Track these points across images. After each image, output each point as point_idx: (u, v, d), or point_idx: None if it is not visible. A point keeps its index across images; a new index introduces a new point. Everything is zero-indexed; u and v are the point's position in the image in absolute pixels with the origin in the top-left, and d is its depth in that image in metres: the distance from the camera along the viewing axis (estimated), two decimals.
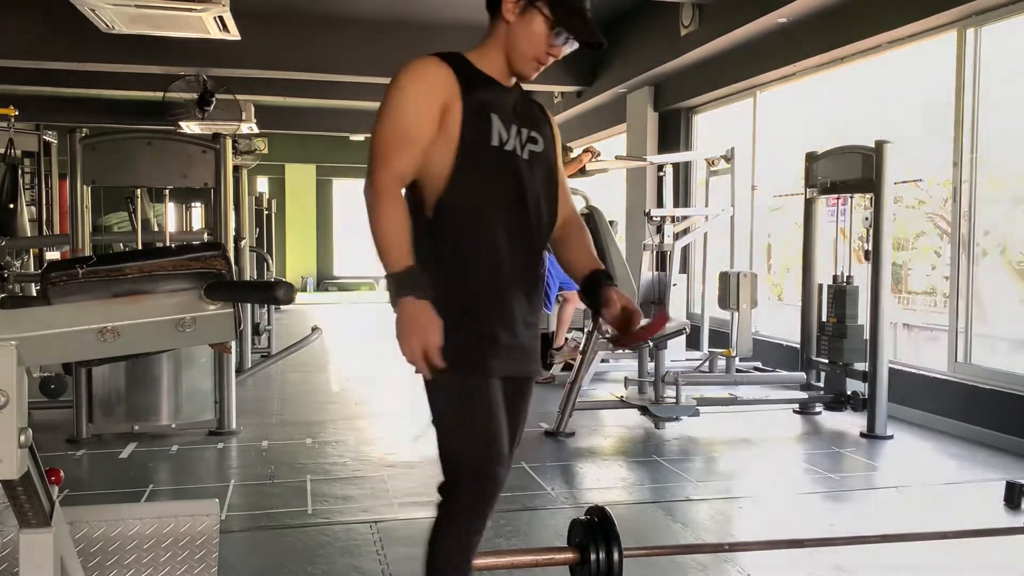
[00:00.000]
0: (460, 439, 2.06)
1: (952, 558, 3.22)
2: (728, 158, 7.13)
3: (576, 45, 2.04)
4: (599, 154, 6.72)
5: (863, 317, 5.50)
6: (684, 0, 7.23)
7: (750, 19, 6.57)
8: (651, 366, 5.49)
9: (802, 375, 5.97)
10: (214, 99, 9.24)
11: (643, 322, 2.08)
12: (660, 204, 7.29)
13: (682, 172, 8.86)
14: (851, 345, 5.49)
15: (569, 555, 2.59)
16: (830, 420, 5.64)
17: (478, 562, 2.57)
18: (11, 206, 7.51)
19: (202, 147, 4.98)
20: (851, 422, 5.47)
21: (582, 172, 6.68)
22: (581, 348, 5.67)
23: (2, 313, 1.50)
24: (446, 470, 2.06)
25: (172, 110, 9.41)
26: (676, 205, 8.26)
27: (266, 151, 11.83)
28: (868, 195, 5.35)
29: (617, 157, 6.97)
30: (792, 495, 4.08)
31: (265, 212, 12.22)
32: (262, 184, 18.44)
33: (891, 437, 5.12)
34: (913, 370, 5.81)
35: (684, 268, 7.90)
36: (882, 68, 6.88)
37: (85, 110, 12.52)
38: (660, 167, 7.81)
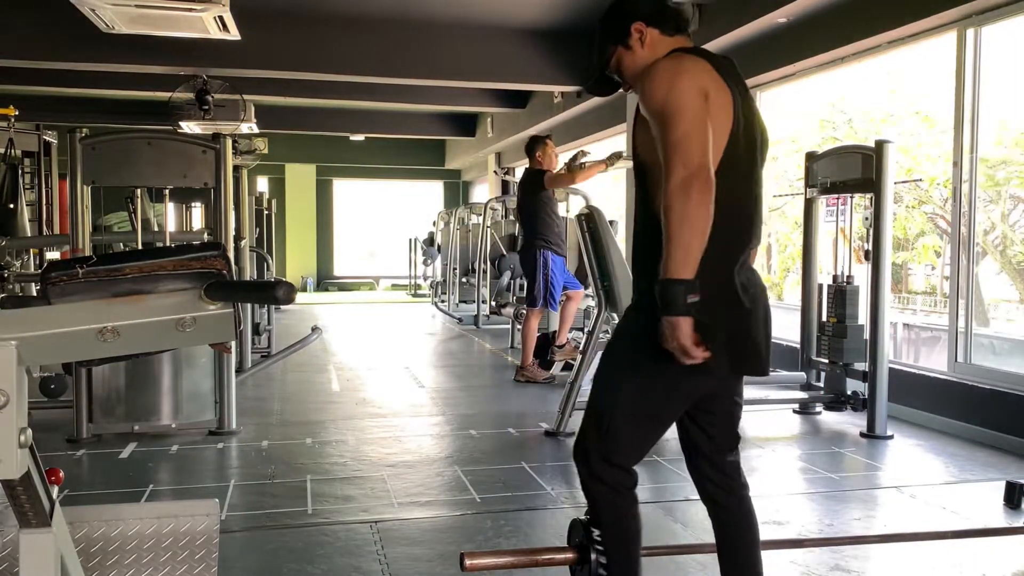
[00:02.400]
0: None
1: (952, 558, 3.23)
2: None
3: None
4: (588, 153, 6.71)
5: (863, 317, 5.50)
6: (684, 0, 7.22)
7: (750, 19, 6.56)
8: None
9: (802, 375, 5.97)
10: (211, 98, 9.23)
11: None
12: None
13: None
14: (851, 345, 5.49)
15: (569, 555, 2.59)
16: (830, 420, 5.64)
17: (477, 562, 2.57)
18: (11, 206, 7.52)
19: (202, 147, 4.98)
20: (851, 422, 5.47)
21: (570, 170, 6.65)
22: (581, 348, 5.67)
23: (2, 313, 1.50)
24: None
25: (177, 111, 9.41)
26: None
27: (266, 151, 11.84)
28: (868, 195, 5.35)
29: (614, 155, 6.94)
30: (792, 495, 4.08)
31: (265, 212, 12.22)
32: (262, 184, 18.46)
33: (891, 437, 5.12)
34: (913, 370, 5.82)
35: None
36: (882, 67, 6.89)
37: (85, 110, 12.53)
38: None
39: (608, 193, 11.20)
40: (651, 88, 2.00)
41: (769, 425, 5.53)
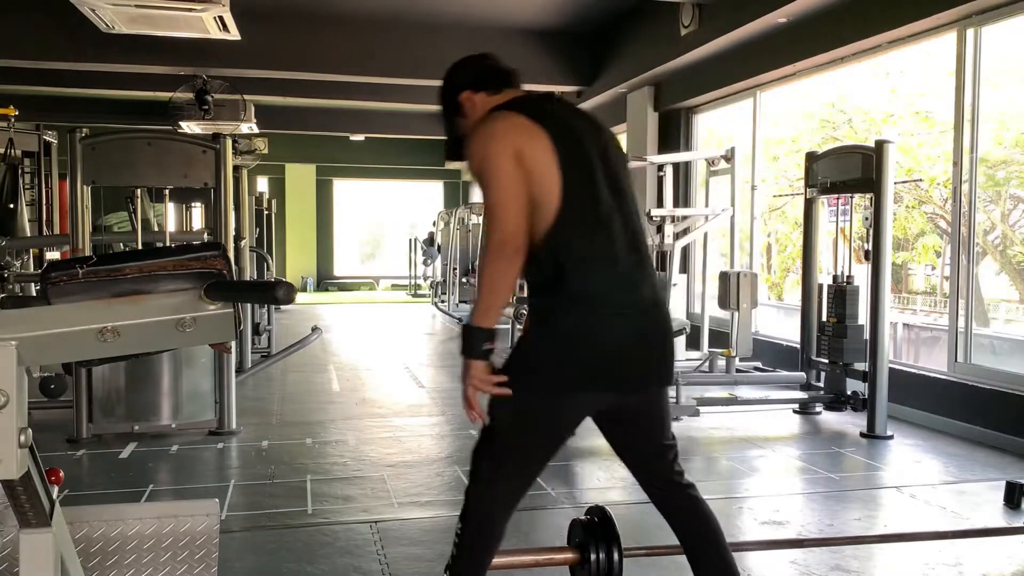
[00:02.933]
0: None
1: (952, 558, 3.23)
2: (728, 158, 7.14)
3: None
4: None
5: (863, 317, 5.50)
6: (684, 0, 7.22)
7: (750, 19, 6.56)
8: None
9: (802, 375, 5.97)
10: (210, 99, 9.23)
11: None
12: (660, 204, 7.27)
13: (682, 172, 8.86)
14: (851, 345, 5.49)
15: (569, 555, 2.59)
16: (830, 420, 5.64)
17: None
18: (11, 206, 7.51)
19: (202, 147, 4.98)
20: (851, 422, 5.47)
21: None
22: None
23: (2, 313, 1.50)
24: None
25: (177, 111, 9.41)
26: (676, 205, 8.26)
27: (266, 151, 11.84)
28: (868, 195, 5.35)
29: None
30: (792, 495, 4.08)
31: (265, 212, 12.23)
32: (262, 184, 18.45)
33: (891, 437, 5.12)
34: (913, 370, 5.81)
35: (684, 268, 7.90)
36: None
37: (85, 110, 12.52)
38: (660, 167, 7.79)
39: None
40: (469, 155, 2.14)
41: (769, 425, 5.53)
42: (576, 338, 2.09)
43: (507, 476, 2.21)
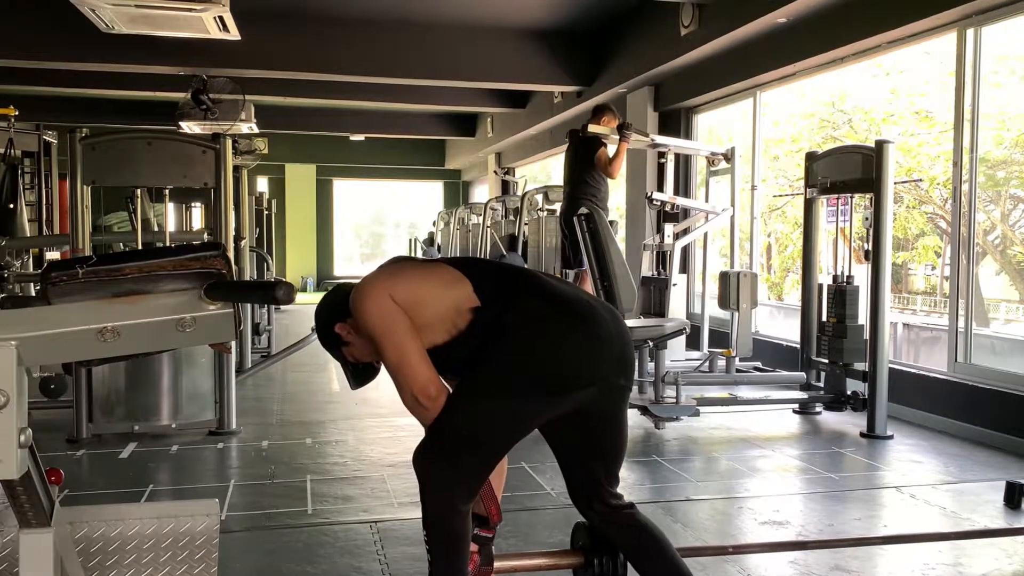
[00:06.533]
0: None
1: (952, 558, 3.22)
2: (728, 157, 7.13)
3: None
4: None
5: (863, 317, 5.50)
6: (684, 0, 7.22)
7: (750, 19, 6.56)
8: (651, 366, 5.49)
9: (802, 375, 5.96)
10: (207, 99, 9.22)
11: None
12: (661, 189, 7.24)
13: (682, 172, 8.85)
14: (851, 345, 5.49)
15: (573, 559, 2.59)
16: (830, 420, 5.64)
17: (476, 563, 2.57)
18: (11, 206, 7.50)
19: (202, 147, 4.97)
20: (851, 422, 5.47)
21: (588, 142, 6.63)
22: None
23: (2, 313, 1.50)
24: None
25: (183, 115, 9.41)
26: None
27: (266, 151, 11.83)
28: (868, 195, 5.35)
29: (620, 126, 6.81)
30: (792, 495, 4.08)
31: (265, 212, 12.21)
32: (262, 184, 18.45)
33: (891, 437, 5.12)
34: (913, 370, 5.81)
35: (684, 268, 7.89)
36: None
37: (85, 110, 12.53)
38: (661, 154, 7.72)
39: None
40: (357, 325, 2.28)
41: (769, 425, 5.53)
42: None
43: (467, 469, 2.26)
